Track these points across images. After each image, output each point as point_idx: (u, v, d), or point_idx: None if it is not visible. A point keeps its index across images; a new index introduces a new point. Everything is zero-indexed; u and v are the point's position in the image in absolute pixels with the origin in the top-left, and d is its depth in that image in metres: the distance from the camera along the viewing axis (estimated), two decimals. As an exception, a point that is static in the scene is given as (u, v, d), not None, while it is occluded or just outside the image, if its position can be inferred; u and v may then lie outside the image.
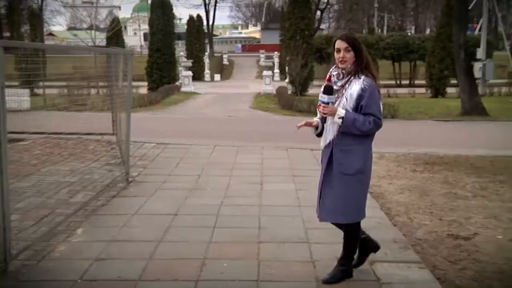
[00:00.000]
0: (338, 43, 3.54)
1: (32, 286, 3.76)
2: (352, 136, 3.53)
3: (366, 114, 3.49)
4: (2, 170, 3.81)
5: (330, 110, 3.49)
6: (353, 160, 3.56)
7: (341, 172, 3.57)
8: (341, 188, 3.59)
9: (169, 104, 20.72)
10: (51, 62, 16.40)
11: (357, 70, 3.53)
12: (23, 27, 31.53)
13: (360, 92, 3.47)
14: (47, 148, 9.25)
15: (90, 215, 5.50)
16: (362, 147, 3.60)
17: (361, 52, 3.54)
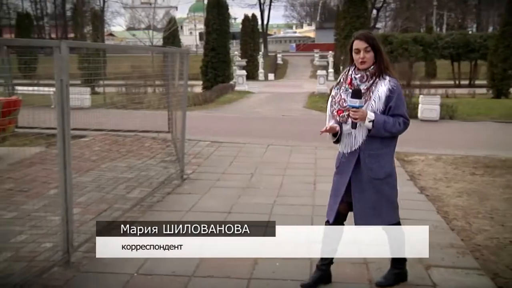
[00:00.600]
0: (356, 43, 3.42)
1: (92, 277, 3.90)
2: (379, 140, 3.44)
3: (395, 115, 3.40)
4: (66, 165, 3.98)
5: (361, 115, 3.35)
6: (382, 165, 3.47)
7: (371, 177, 3.47)
8: (372, 192, 3.49)
9: (223, 103, 20.94)
10: (111, 62, 16.96)
11: (380, 70, 3.42)
12: (86, 28, 32.73)
13: (388, 93, 3.38)
14: (106, 144, 9.56)
15: (146, 210, 5.65)
16: (389, 150, 3.52)
17: (380, 52, 3.43)
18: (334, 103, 3.54)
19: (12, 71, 13.49)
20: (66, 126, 3.99)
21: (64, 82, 3.93)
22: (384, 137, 3.42)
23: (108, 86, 19.37)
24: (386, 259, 3.89)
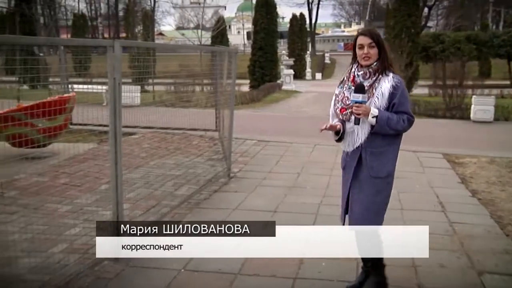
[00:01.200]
0: (361, 38, 3.34)
1: (140, 271, 3.99)
2: (382, 137, 3.34)
3: (399, 112, 3.31)
4: (117, 161, 4.09)
5: (364, 110, 3.26)
6: (384, 163, 3.38)
7: (372, 175, 3.37)
8: (371, 192, 3.38)
9: (270, 102, 20.95)
10: (160, 61, 17.26)
11: (384, 67, 3.34)
12: (137, 28, 33.48)
13: (391, 90, 3.29)
14: (155, 142, 9.75)
15: (193, 207, 5.73)
16: (392, 149, 3.42)
17: (384, 49, 3.35)
18: (337, 101, 3.46)
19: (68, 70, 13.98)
20: (118, 124, 4.09)
21: (116, 80, 4.03)
22: (387, 135, 3.33)
23: (157, 84, 19.76)
24: (436, 264, 3.80)
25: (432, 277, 3.74)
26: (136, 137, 10.07)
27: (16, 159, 6.02)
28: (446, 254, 4.35)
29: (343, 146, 3.50)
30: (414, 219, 5.31)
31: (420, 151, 9.28)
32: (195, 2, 68.48)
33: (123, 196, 4.31)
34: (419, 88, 25.78)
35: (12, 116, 7.11)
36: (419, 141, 10.52)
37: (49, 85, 11.15)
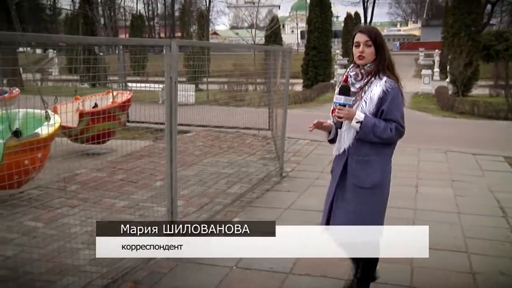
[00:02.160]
0: (358, 36, 3.11)
1: (193, 267, 4.05)
2: (370, 145, 3.09)
3: (387, 120, 3.04)
4: (172, 158, 4.17)
5: (346, 113, 3.03)
6: (370, 173, 3.11)
7: (356, 185, 3.13)
8: (354, 202, 3.14)
9: (324, 102, 20.79)
10: (214, 60, 17.46)
11: (378, 69, 3.08)
12: (192, 27, 34.04)
13: (381, 95, 3.03)
14: (208, 140, 9.88)
15: (245, 206, 5.77)
16: (380, 159, 3.14)
17: (383, 49, 3.10)
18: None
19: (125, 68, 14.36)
20: (174, 122, 4.17)
21: (173, 79, 4.11)
22: (375, 143, 3.07)
23: (211, 83, 20.02)
24: (496, 272, 3.66)
25: (491, 284, 3.60)
26: (190, 135, 10.25)
27: (78, 155, 6.27)
28: (507, 262, 4.19)
29: (334, 149, 3.33)
30: (473, 223, 5.13)
31: (479, 154, 8.96)
32: (249, 1, 68.95)
33: (177, 193, 4.39)
34: (479, 89, 24.90)
35: (108, 111, 7.91)
36: (477, 143, 10.17)
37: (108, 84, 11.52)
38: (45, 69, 31.58)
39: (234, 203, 5.75)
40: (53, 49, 37.58)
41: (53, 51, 39.36)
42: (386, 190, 3.22)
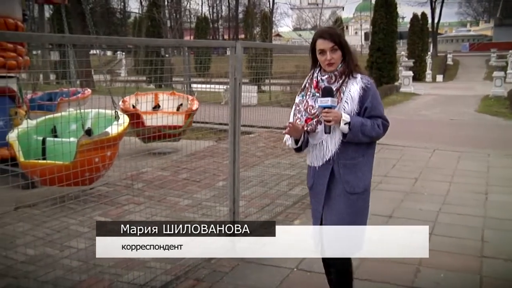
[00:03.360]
0: (320, 43, 2.89)
1: (254, 267, 4.09)
2: (355, 147, 2.90)
3: (372, 117, 2.89)
4: (235, 159, 4.23)
5: (335, 116, 2.80)
6: (360, 176, 2.94)
7: (349, 191, 2.92)
8: (347, 211, 2.94)
9: (387, 105, 20.34)
10: (277, 61, 17.50)
11: (350, 69, 2.92)
12: (255, 29, 34.30)
13: (362, 92, 2.88)
14: (270, 142, 9.92)
15: (306, 208, 5.74)
16: (366, 160, 2.97)
17: (348, 49, 2.93)
18: (299, 111, 3.01)
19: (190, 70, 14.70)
20: (237, 122, 4.23)
21: (237, 80, 4.16)
22: (360, 144, 2.90)
23: (273, 85, 20.07)
24: None
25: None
26: (252, 136, 10.33)
27: (144, 154, 6.48)
28: None
29: (309, 161, 3.06)
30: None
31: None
32: (313, 3, 68.61)
33: (239, 193, 4.44)
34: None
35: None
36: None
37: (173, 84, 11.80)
38: (114, 71, 32.83)
39: (295, 205, 5.74)
40: (122, 51, 39.01)
41: (122, 53, 40.85)
42: (369, 193, 3.09)
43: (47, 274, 3.70)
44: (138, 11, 54.29)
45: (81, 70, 10.67)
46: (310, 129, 2.93)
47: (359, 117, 2.86)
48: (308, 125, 2.93)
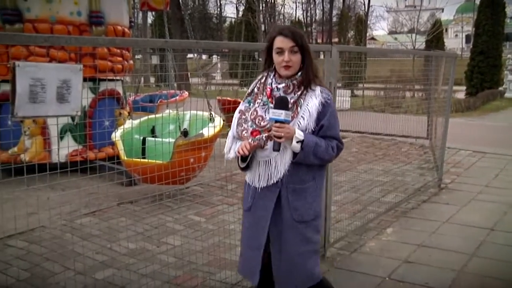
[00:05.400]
0: (280, 40, 2.50)
1: (344, 274, 4.03)
2: (306, 169, 2.53)
3: (327, 138, 2.51)
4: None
5: (288, 132, 2.40)
6: (310, 202, 2.56)
7: (297, 220, 2.54)
8: (296, 242, 2.55)
9: (489, 111, 19.29)
10: (371, 65, 17.20)
11: (309, 79, 2.52)
12: (350, 33, 33.92)
13: (320, 109, 2.49)
14: (363, 147, 9.76)
15: (400, 216, 5.59)
16: (316, 184, 2.60)
17: (309, 54, 2.54)
18: (245, 121, 2.58)
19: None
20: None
21: (332, 84, 4.14)
22: (312, 166, 2.53)
23: (367, 89, 19.72)
24: None
25: None
26: (345, 141, 10.13)
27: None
28: None
29: (249, 179, 2.66)
30: None
31: None
32: (410, 5, 66.55)
33: (331, 198, 4.41)
34: None
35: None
36: None
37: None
38: (209, 74, 33.88)
39: (388, 212, 5.60)
40: (217, 55, 40.17)
41: (217, 57, 42.07)
42: (322, 220, 2.77)
43: (146, 267, 3.90)
44: (233, 16, 55.68)
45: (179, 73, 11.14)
46: (257, 144, 2.50)
47: (314, 136, 2.49)
48: (255, 139, 2.50)
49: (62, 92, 2.68)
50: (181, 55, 13.06)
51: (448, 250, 4.55)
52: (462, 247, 4.59)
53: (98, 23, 7.31)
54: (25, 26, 6.96)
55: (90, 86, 6.82)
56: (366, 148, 9.63)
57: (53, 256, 4.10)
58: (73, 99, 2.72)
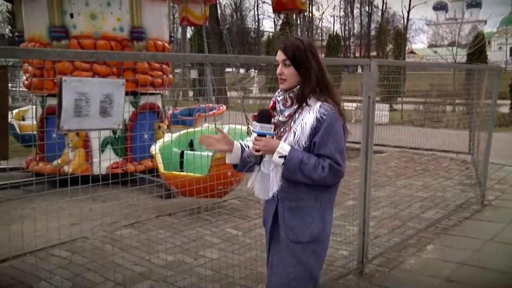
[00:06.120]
0: (277, 54, 2.45)
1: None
2: (305, 187, 2.38)
3: (320, 156, 2.33)
4: (366, 178, 4.16)
5: (265, 145, 2.34)
6: (308, 223, 2.40)
7: (291, 239, 2.42)
8: (290, 262, 2.42)
9: (534, 125, 18.66)
10: (410, 79, 17.00)
11: (303, 95, 2.38)
12: (388, 46, 33.61)
13: (314, 124, 2.33)
14: (402, 162, 9.59)
15: (440, 233, 5.45)
16: (318, 204, 2.41)
17: (306, 68, 2.39)
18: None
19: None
20: (370, 141, 4.16)
21: (371, 98, 4.11)
22: (308, 184, 2.36)
23: (406, 103, 19.45)
24: None
25: None
26: (383, 155, 10.08)
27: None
28: None
29: (256, 191, 2.58)
30: None
31: None
32: (451, 18, 65.47)
33: (369, 213, 4.35)
34: None
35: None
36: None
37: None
38: (246, 88, 34.14)
39: (428, 229, 5.47)
40: (255, 69, 40.44)
41: (254, 71, 42.37)
42: (327, 244, 2.51)
43: (183, 280, 3.93)
44: (271, 30, 56.04)
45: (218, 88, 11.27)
46: (255, 150, 2.39)
47: (302, 152, 2.34)
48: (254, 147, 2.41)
49: (105, 106, 2.76)
50: (220, 69, 13.24)
51: (491, 269, 4.40)
52: (506, 267, 4.44)
53: (140, 38, 7.50)
54: (70, 42, 7.22)
55: (131, 100, 6.99)
56: (405, 163, 9.47)
57: (94, 267, 4.19)
58: (115, 113, 2.80)
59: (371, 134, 4.18)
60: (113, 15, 7.42)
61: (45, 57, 3.37)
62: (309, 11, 50.49)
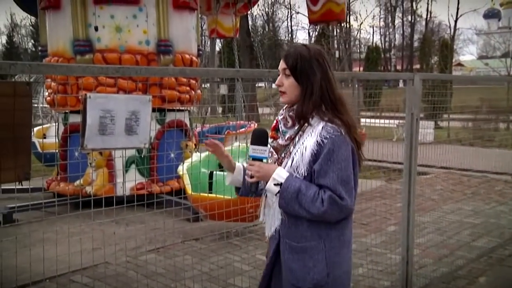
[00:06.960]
0: (280, 63, 2.27)
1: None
2: (307, 223, 2.17)
3: (321, 187, 2.11)
4: (410, 202, 4.11)
5: (257, 171, 2.17)
6: (310, 266, 2.18)
7: (292, 283, 2.22)
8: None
9: None
10: (457, 94, 16.75)
11: (303, 112, 2.17)
12: (433, 58, 33.26)
13: (315, 149, 2.11)
14: (449, 184, 9.43)
15: (494, 264, 5.31)
16: (325, 244, 2.19)
17: (308, 79, 2.16)
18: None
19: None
20: (413, 162, 4.12)
21: (414, 115, 4.08)
22: (315, 220, 2.15)
23: (453, 120, 19.16)
24: None
25: None
26: (428, 177, 9.93)
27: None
28: None
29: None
30: None
31: None
32: (504, 26, 64.49)
33: (413, 240, 4.29)
34: None
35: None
36: None
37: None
38: (279, 104, 34.21)
39: (480, 259, 5.35)
40: (288, 84, 40.48)
41: (288, 86, 42.40)
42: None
43: (210, 310, 3.93)
44: (305, 42, 56.17)
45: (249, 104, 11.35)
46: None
47: (302, 181, 2.13)
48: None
49: (130, 123, 2.81)
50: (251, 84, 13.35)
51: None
52: None
53: (166, 52, 7.63)
54: (95, 56, 7.39)
55: (156, 117, 7.09)
56: (453, 186, 9.30)
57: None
58: (141, 131, 2.85)
59: (414, 154, 4.14)
60: (139, 28, 7.58)
61: (70, 73, 3.46)
62: (346, 22, 50.55)
